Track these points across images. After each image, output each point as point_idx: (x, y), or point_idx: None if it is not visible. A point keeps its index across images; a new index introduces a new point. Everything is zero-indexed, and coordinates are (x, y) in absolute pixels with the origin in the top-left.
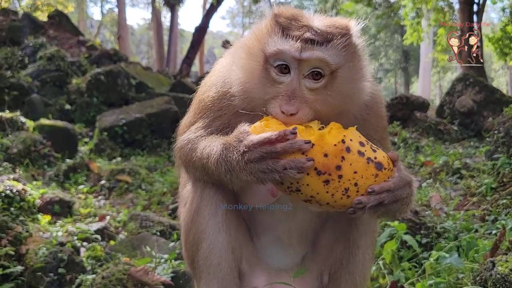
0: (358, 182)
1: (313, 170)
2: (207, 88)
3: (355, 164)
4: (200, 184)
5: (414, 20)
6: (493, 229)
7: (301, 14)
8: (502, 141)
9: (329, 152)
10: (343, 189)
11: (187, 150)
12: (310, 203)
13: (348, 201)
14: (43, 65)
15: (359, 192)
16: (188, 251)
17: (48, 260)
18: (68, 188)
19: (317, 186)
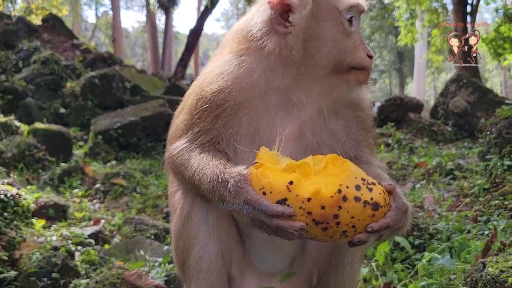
0: (355, 225)
1: (312, 221)
2: (209, 81)
3: (352, 211)
4: (191, 193)
5: (408, 21)
6: (485, 230)
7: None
8: (494, 142)
9: (326, 204)
10: (341, 232)
11: (178, 162)
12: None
13: (346, 239)
14: (38, 69)
15: (357, 231)
16: (179, 256)
17: (42, 265)
18: (63, 192)
19: (316, 232)
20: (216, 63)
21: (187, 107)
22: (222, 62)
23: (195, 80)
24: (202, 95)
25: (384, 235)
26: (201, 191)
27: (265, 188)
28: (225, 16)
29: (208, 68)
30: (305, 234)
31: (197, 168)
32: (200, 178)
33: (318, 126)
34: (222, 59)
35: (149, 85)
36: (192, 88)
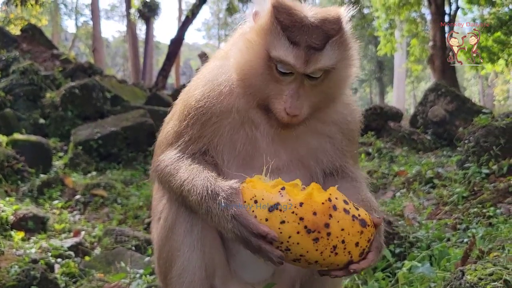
0: (345, 239)
1: (304, 229)
2: (193, 88)
3: (342, 222)
4: (176, 203)
5: (387, 31)
6: (464, 238)
7: (298, 8)
8: (472, 150)
9: (317, 210)
10: (331, 246)
11: (167, 171)
12: (298, 263)
13: (335, 259)
14: (16, 79)
15: (346, 249)
16: (161, 267)
17: (21, 278)
18: (42, 203)
19: (307, 244)
20: (203, 70)
21: (176, 114)
22: (207, 69)
23: (186, 86)
24: (188, 102)
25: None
26: (188, 202)
27: (257, 196)
28: (206, 26)
29: (196, 75)
30: (285, 260)
31: (187, 178)
32: (189, 189)
33: (293, 144)
34: (208, 66)
35: (130, 95)
36: (181, 95)
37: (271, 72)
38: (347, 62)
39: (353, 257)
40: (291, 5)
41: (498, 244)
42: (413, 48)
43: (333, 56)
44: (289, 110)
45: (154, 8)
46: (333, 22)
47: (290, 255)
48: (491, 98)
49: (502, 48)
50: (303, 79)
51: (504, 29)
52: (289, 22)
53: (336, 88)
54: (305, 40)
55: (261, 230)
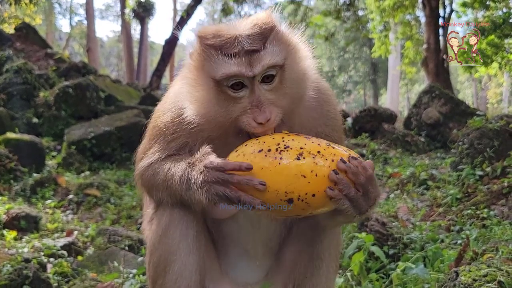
0: (333, 145)
1: (292, 134)
2: (160, 114)
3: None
4: (168, 206)
5: (382, 33)
6: (458, 239)
7: (223, 27)
8: (466, 152)
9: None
10: (325, 142)
11: (148, 175)
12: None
13: (335, 150)
14: (10, 78)
15: (340, 148)
16: (152, 271)
17: (13, 277)
18: (35, 203)
19: (301, 139)
20: (169, 92)
21: (147, 133)
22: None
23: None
24: (157, 124)
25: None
26: (173, 188)
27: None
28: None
29: (165, 96)
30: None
31: (170, 167)
32: (173, 172)
33: None
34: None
35: (124, 95)
36: (153, 114)
37: (226, 95)
38: (296, 56)
39: (351, 155)
40: (216, 28)
41: (491, 245)
42: (407, 50)
43: (276, 52)
44: (259, 119)
45: (148, 8)
46: (263, 23)
47: (291, 151)
48: (485, 100)
49: (496, 51)
50: (257, 86)
51: (498, 32)
52: (219, 41)
53: (297, 86)
54: (242, 47)
55: (233, 164)
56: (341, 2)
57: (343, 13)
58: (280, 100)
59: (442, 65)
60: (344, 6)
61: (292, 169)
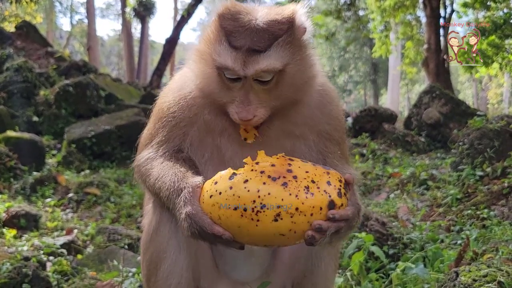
0: (314, 179)
1: (268, 178)
2: (165, 95)
3: (303, 166)
4: (159, 204)
5: (382, 33)
6: (458, 239)
7: (246, 10)
8: (466, 152)
9: (275, 162)
10: (303, 187)
11: (143, 170)
12: (281, 220)
13: (315, 200)
14: (10, 76)
15: (320, 188)
16: (145, 269)
17: (12, 275)
18: (35, 201)
19: (278, 191)
20: (175, 77)
21: (151, 117)
22: (177, 76)
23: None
24: (160, 108)
25: (341, 230)
26: (161, 200)
27: (216, 179)
28: (201, 25)
29: (170, 81)
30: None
31: (158, 176)
32: (159, 186)
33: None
34: (178, 73)
35: (124, 94)
36: (157, 99)
37: (221, 79)
38: (302, 62)
39: (332, 196)
40: (239, 10)
41: (492, 246)
42: (407, 50)
43: (279, 57)
44: (240, 116)
45: (149, 7)
46: (282, 22)
47: (268, 212)
48: (485, 101)
49: (496, 51)
50: (252, 84)
51: (499, 33)
52: (232, 27)
53: (294, 91)
54: (246, 43)
55: (216, 230)
56: (342, 2)
57: (343, 13)
58: (272, 101)
59: (443, 66)
60: (345, 6)
61: (270, 229)
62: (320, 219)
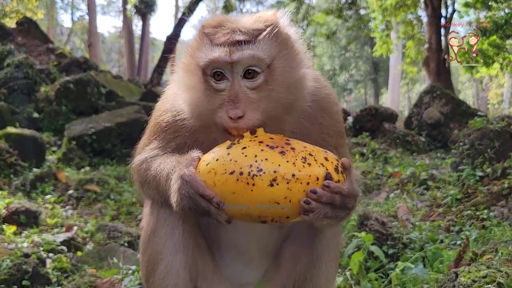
0: (312, 153)
1: (266, 146)
2: (160, 113)
3: (301, 143)
4: (156, 205)
5: (383, 32)
6: (457, 240)
7: (228, 19)
8: (467, 153)
9: (273, 136)
10: (301, 157)
11: (142, 170)
12: (277, 185)
13: (311, 169)
14: (11, 73)
15: (317, 161)
16: (144, 270)
17: (12, 272)
18: (35, 198)
19: (275, 158)
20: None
21: (148, 130)
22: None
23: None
24: (156, 122)
25: (336, 203)
26: (160, 186)
27: (213, 150)
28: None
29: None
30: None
31: (160, 162)
32: (161, 169)
33: None
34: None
35: (125, 91)
36: (154, 110)
37: (209, 85)
38: (290, 59)
39: (328, 170)
40: (220, 19)
41: (491, 246)
42: (408, 50)
43: (265, 49)
44: (230, 113)
45: (150, 4)
46: (265, 19)
47: (264, 177)
48: (485, 101)
49: (497, 52)
50: (238, 80)
51: (500, 33)
52: (215, 31)
53: (286, 92)
54: (231, 37)
55: (208, 193)
56: (343, 0)
57: (345, 11)
58: (263, 102)
59: (444, 65)
60: (346, 5)
61: (265, 195)
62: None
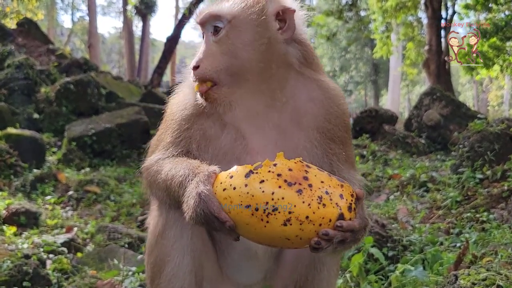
0: (328, 190)
1: (284, 182)
2: (175, 105)
3: (319, 176)
4: (165, 206)
5: (383, 34)
6: (457, 242)
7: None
8: (466, 155)
9: (292, 167)
10: (316, 197)
11: (153, 171)
12: (290, 225)
13: (325, 211)
14: (11, 73)
15: (333, 200)
16: (149, 271)
17: (13, 273)
18: (35, 198)
19: (292, 197)
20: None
21: (162, 121)
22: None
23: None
24: (168, 110)
25: (346, 241)
26: (172, 191)
27: (232, 173)
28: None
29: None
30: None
31: (171, 168)
32: (173, 175)
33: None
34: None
35: (125, 92)
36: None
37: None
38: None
39: (342, 210)
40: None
41: (491, 249)
42: (409, 51)
43: (225, 6)
44: (191, 63)
45: (151, 5)
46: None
47: (279, 216)
48: (485, 103)
49: (498, 53)
50: (207, 36)
51: (500, 35)
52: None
53: (244, 49)
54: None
55: (222, 216)
56: (344, 2)
57: (345, 13)
58: (222, 56)
59: (444, 67)
60: (346, 6)
61: (277, 232)
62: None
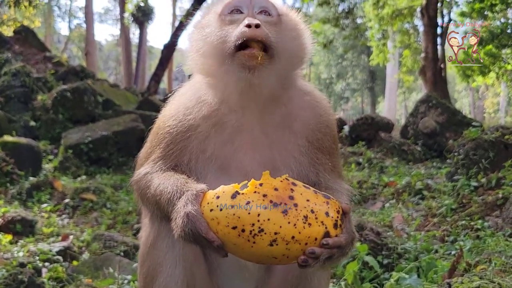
0: (313, 209)
1: (270, 203)
2: (163, 119)
3: (305, 194)
4: (157, 218)
5: (380, 41)
6: (452, 250)
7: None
8: (462, 163)
9: (278, 186)
10: (302, 217)
11: (142, 184)
12: (276, 246)
13: (311, 230)
14: (8, 81)
15: (318, 219)
16: (142, 281)
17: (8, 282)
18: (31, 206)
19: (278, 218)
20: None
21: (150, 135)
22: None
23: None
24: (158, 123)
25: (334, 256)
26: (161, 206)
27: (218, 193)
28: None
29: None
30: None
31: (159, 183)
32: (161, 190)
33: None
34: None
35: (122, 100)
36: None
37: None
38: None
39: (328, 228)
40: None
41: (485, 257)
42: (405, 59)
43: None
44: (249, 21)
45: (148, 12)
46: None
47: (265, 237)
48: (482, 110)
49: (493, 61)
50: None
51: (496, 42)
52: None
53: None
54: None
55: (210, 235)
56: (340, 9)
57: (341, 20)
58: (273, 36)
59: (440, 74)
60: (343, 14)
61: (264, 252)
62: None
